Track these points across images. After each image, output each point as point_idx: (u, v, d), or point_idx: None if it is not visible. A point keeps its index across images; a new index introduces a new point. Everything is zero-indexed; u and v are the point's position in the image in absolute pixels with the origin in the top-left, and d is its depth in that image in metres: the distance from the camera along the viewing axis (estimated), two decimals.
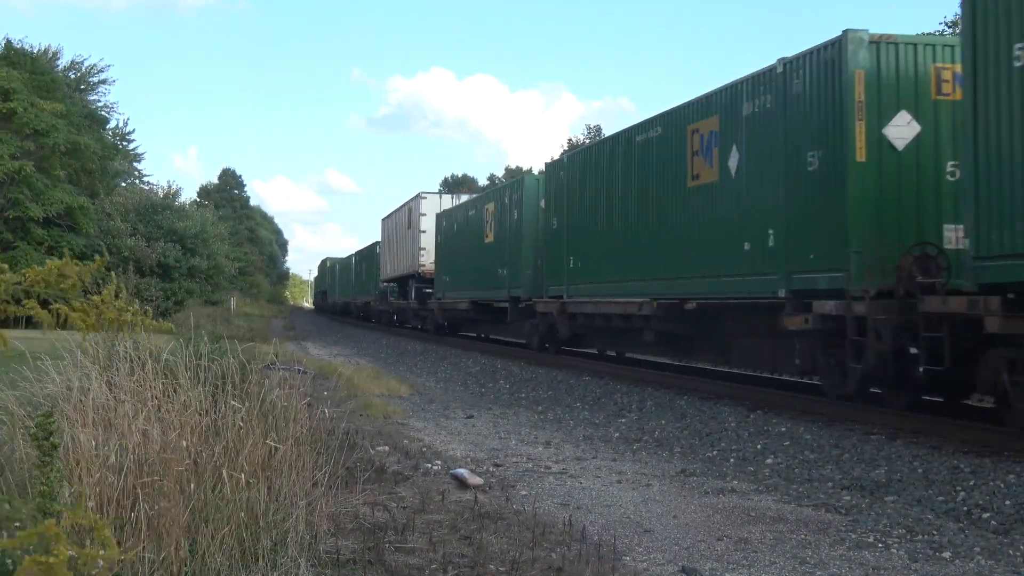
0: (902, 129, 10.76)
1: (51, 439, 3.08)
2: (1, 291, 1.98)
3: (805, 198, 11.58)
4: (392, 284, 42.56)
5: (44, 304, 2.41)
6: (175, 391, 4.78)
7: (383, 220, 45.07)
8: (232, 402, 4.73)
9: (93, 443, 4.05)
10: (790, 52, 12.52)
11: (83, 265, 2.05)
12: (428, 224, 34.00)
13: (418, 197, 35.25)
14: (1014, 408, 8.96)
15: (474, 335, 32.32)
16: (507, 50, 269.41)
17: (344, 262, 66.92)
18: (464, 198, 33.63)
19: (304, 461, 4.93)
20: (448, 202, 34.28)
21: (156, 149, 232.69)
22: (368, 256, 51.18)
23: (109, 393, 4.64)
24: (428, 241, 33.71)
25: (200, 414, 4.67)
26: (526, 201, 22.57)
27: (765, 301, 12.41)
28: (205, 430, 4.54)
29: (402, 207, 39.25)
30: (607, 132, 61.03)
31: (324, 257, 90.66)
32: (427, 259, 33.69)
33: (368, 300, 49.87)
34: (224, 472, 4.22)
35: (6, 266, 2.08)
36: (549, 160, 21.18)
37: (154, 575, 3.69)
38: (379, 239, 47.14)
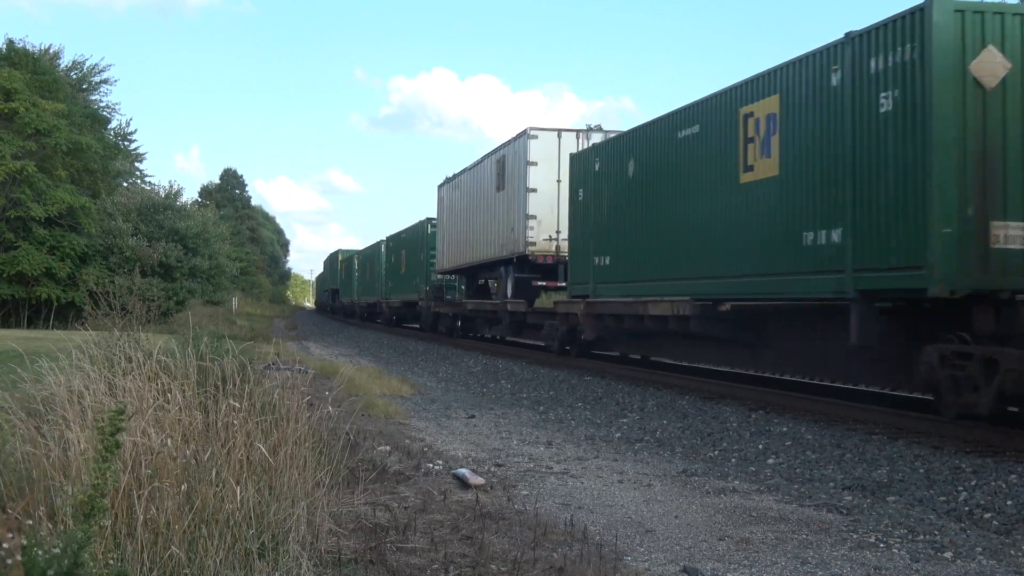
0: None
1: (116, 437, 3.06)
2: None
3: None
4: (450, 277, 32.85)
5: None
6: (174, 391, 4.78)
7: (440, 187, 33.06)
8: (231, 402, 4.72)
9: (87, 444, 4.05)
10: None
11: None
12: (544, 177, 22.42)
13: (523, 136, 22.92)
14: None
15: (628, 358, 19.84)
16: (509, 50, 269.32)
17: (368, 252, 53.09)
18: (596, 138, 21.49)
19: (305, 461, 4.93)
20: (573, 142, 22.25)
21: (158, 149, 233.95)
22: (411, 241, 38.83)
23: (108, 394, 4.64)
24: (544, 204, 22.38)
25: (200, 413, 4.66)
26: (936, 59, 9.39)
27: None
28: (205, 429, 4.54)
29: (484, 159, 26.91)
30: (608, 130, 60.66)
31: (330, 251, 78.54)
32: (541, 233, 22.52)
33: (413, 299, 37.33)
34: (224, 472, 4.21)
35: None
36: None
37: (153, 574, 3.69)
38: (430, 216, 35.76)
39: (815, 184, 11.27)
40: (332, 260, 73.89)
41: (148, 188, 51.78)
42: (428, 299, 34.27)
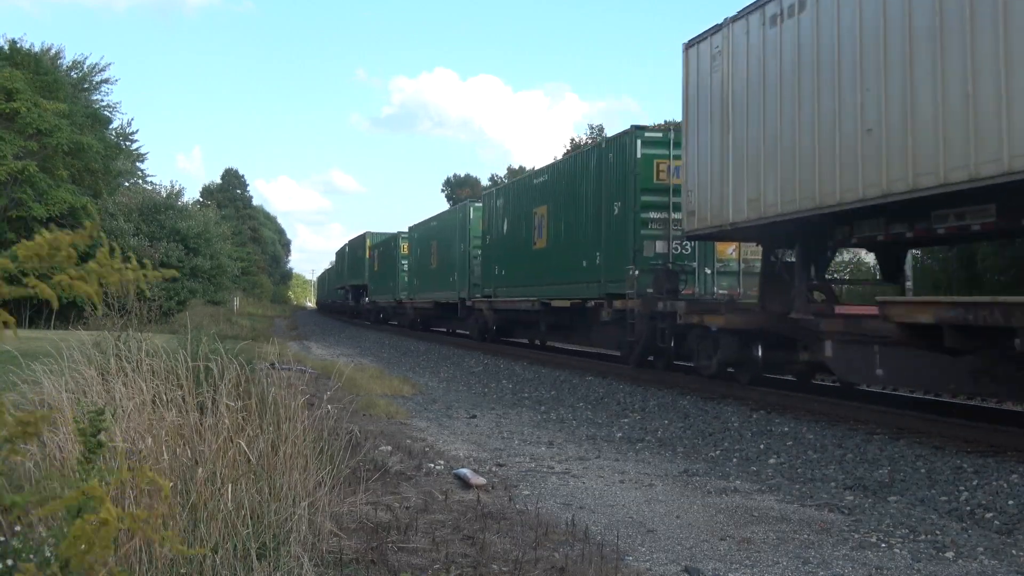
0: None
1: (98, 437, 3.07)
2: None
3: None
4: (687, 249, 16.96)
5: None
6: (173, 390, 4.77)
7: (695, 45, 14.34)
8: (227, 401, 4.71)
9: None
10: None
11: (74, 233, 1.99)
12: None
13: None
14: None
15: None
16: (511, 50, 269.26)
17: (432, 228, 35.27)
18: None
19: (306, 461, 4.92)
20: None
21: (159, 149, 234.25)
22: (575, 184, 19.87)
23: (104, 395, 4.63)
24: None
25: (197, 413, 4.66)
26: None
27: None
28: (204, 429, 4.53)
29: None
30: (610, 132, 59.49)
31: (333, 249, 67.95)
32: None
33: (587, 298, 18.87)
34: (221, 471, 4.20)
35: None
36: None
37: (150, 574, 3.68)
38: (637, 122, 21.06)
39: None
40: (353, 248, 56.58)
41: (149, 188, 51.85)
42: (654, 295, 16.21)
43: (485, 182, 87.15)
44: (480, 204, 29.06)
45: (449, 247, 31.81)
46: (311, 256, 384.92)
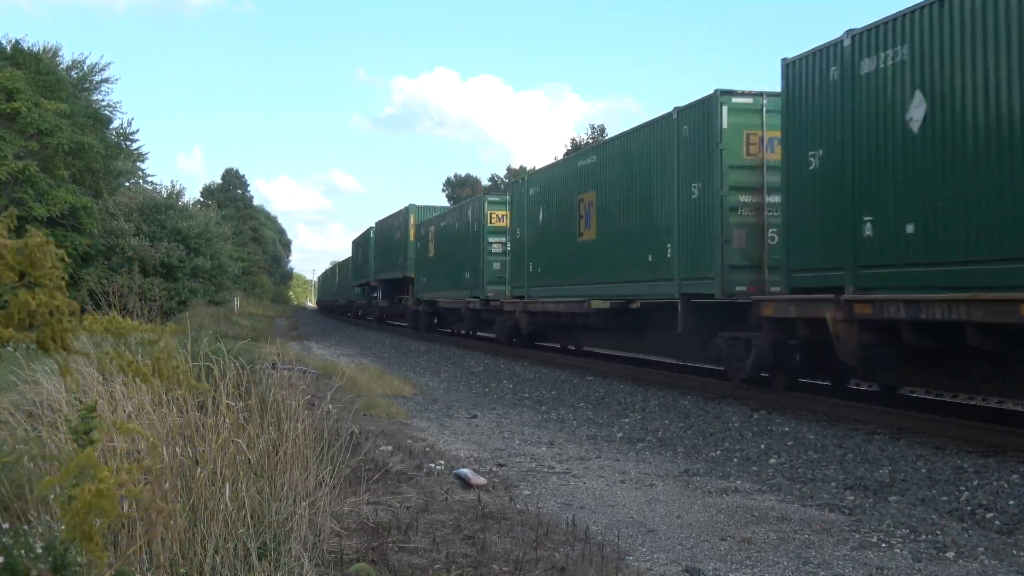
0: None
1: (91, 435, 3.06)
2: None
3: None
4: None
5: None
6: (174, 390, 4.77)
7: None
8: (228, 401, 4.71)
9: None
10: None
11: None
12: None
13: None
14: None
15: None
16: (511, 50, 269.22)
17: (595, 161, 18.46)
18: None
19: (307, 460, 4.92)
20: None
21: (160, 149, 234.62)
22: None
23: (106, 394, 4.63)
24: None
25: (199, 412, 4.65)
26: None
27: None
28: (204, 429, 4.52)
29: None
30: (611, 132, 59.24)
31: (349, 239, 54.75)
32: None
33: None
34: (221, 470, 4.20)
35: None
36: None
37: (150, 574, 3.68)
38: None
39: None
40: (385, 232, 43.27)
41: (150, 188, 51.86)
42: None
43: (485, 182, 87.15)
44: (746, 99, 13.80)
45: (645, 197, 16.34)
46: (311, 256, 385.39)
